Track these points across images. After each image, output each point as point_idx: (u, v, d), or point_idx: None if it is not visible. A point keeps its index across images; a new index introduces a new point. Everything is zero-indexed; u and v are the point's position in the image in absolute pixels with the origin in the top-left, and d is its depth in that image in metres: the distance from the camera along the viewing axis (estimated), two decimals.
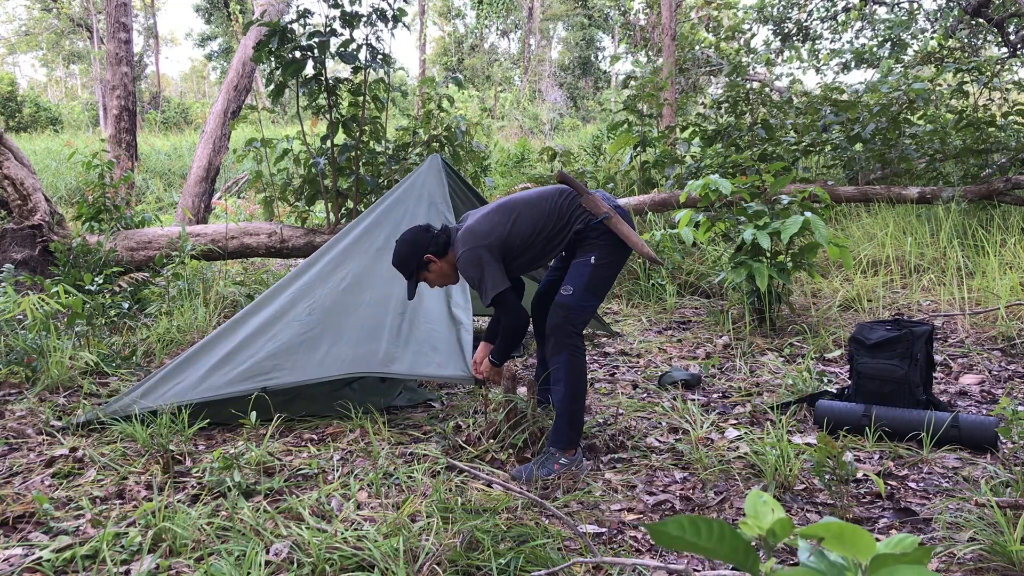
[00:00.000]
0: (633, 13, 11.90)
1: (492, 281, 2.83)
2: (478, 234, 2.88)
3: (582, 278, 2.86)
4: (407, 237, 2.98)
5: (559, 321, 2.83)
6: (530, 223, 2.90)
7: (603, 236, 2.88)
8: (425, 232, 2.97)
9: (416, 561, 2.08)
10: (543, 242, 2.92)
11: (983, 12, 8.59)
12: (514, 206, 2.95)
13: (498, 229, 2.88)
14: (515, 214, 2.91)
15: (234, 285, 5.51)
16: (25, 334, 4.07)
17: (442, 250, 2.95)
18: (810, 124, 8.12)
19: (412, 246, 2.95)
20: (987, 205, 7.01)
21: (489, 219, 2.92)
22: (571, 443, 2.81)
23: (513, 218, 2.90)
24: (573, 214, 2.91)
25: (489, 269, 2.83)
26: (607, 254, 2.88)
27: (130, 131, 8.50)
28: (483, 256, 2.83)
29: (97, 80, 31.18)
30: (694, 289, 5.89)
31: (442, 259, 2.97)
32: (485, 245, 2.85)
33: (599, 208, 2.87)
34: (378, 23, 5.65)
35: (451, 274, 3.01)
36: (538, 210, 2.92)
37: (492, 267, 2.83)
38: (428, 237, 2.96)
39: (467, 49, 32.85)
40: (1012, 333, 4.26)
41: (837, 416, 3.08)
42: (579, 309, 2.84)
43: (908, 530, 2.33)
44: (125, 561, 2.20)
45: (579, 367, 2.82)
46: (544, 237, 2.91)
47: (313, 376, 3.26)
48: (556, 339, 2.84)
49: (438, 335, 3.29)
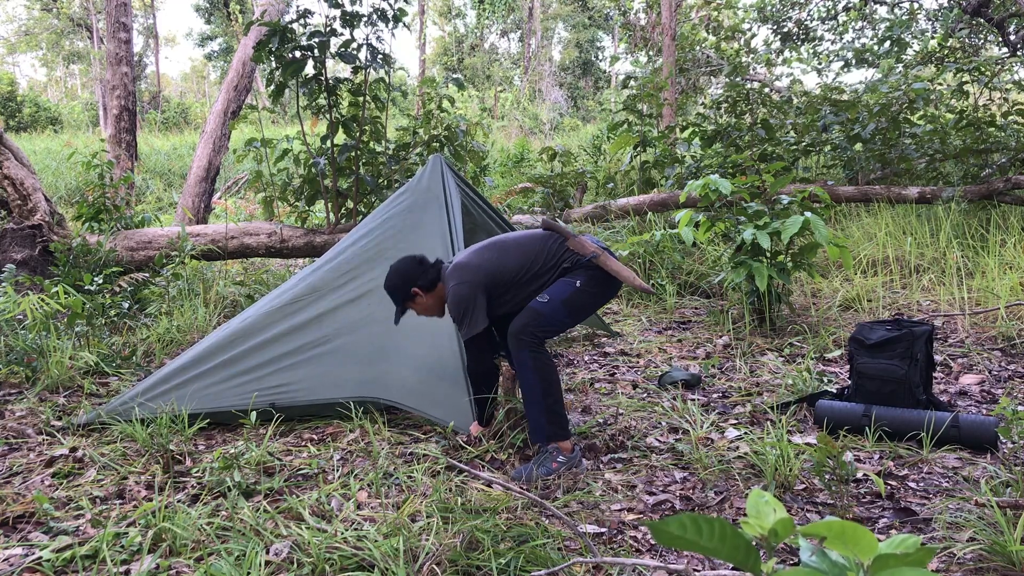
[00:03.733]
0: (633, 13, 11.90)
1: (471, 322, 2.87)
2: (468, 269, 2.91)
3: (563, 294, 2.86)
4: (399, 267, 3.02)
5: (525, 322, 2.82)
6: (518, 261, 2.93)
7: (593, 269, 2.90)
8: (417, 265, 3.01)
9: (416, 561, 2.08)
10: (530, 279, 2.93)
11: (983, 12, 8.59)
12: (504, 245, 3.00)
13: (487, 266, 2.92)
14: (505, 252, 2.96)
15: (234, 285, 5.50)
16: (25, 334, 4.07)
17: (430, 285, 2.99)
18: (810, 124, 8.12)
19: (402, 277, 2.99)
20: (987, 205, 7.01)
21: (479, 255, 2.97)
22: (555, 435, 2.80)
23: (502, 256, 2.94)
24: (562, 256, 2.93)
25: (472, 309, 2.86)
26: (594, 283, 2.90)
27: (130, 131, 8.49)
28: (469, 294, 2.86)
29: (97, 80, 31.18)
30: (694, 289, 5.89)
31: (428, 293, 3.00)
32: (473, 282, 2.88)
33: (586, 249, 2.90)
34: (378, 23, 5.65)
35: (436, 308, 3.05)
36: (527, 249, 2.96)
37: (475, 306, 2.87)
38: (418, 270, 3.00)
39: (467, 49, 32.85)
40: (1012, 333, 4.26)
41: (837, 416, 3.08)
42: (549, 319, 2.83)
43: (908, 530, 2.33)
44: (125, 561, 2.19)
45: (543, 362, 2.81)
46: (532, 275, 2.93)
47: (323, 397, 3.27)
48: (518, 339, 2.81)
49: (445, 363, 3.26)
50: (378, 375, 3.30)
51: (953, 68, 8.39)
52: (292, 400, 3.27)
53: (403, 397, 3.26)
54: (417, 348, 3.33)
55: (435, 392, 3.23)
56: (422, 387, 3.25)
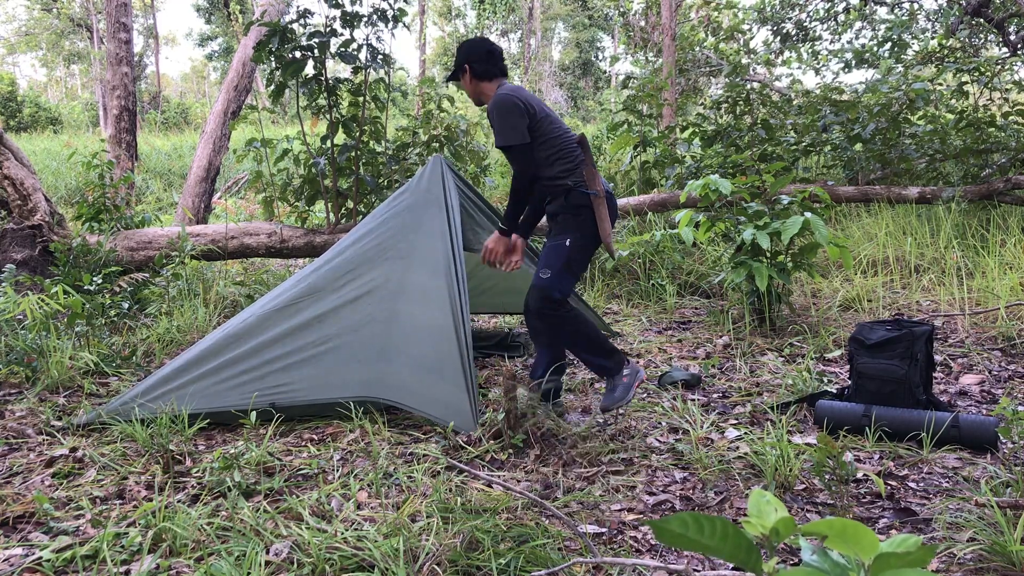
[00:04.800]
0: (633, 13, 11.89)
1: (512, 130, 3.09)
2: (523, 94, 3.15)
3: (559, 259, 3.11)
4: (475, 41, 3.30)
5: (539, 305, 3.08)
6: (556, 131, 3.17)
7: (581, 216, 3.14)
8: (486, 53, 3.25)
9: (416, 561, 2.08)
10: (553, 155, 3.16)
11: (983, 12, 8.59)
12: (552, 114, 3.24)
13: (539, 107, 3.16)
14: (551, 116, 3.20)
15: (234, 285, 5.50)
16: (25, 334, 4.07)
17: (482, 75, 3.24)
18: (810, 124, 8.11)
19: (467, 51, 3.26)
20: (987, 205, 7.01)
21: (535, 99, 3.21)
22: (615, 366, 3.11)
23: (549, 115, 3.19)
24: (576, 168, 3.16)
25: (512, 119, 3.08)
26: (580, 237, 3.14)
27: (130, 131, 8.49)
28: (513, 106, 3.09)
29: (97, 80, 31.17)
30: (694, 289, 5.89)
31: (475, 79, 3.25)
32: (522, 99, 3.11)
33: (593, 183, 3.13)
34: (378, 23, 5.65)
35: (473, 96, 3.32)
36: (564, 134, 3.20)
37: (517, 119, 3.08)
38: (483, 57, 3.24)
39: None
40: (1012, 333, 4.26)
41: (837, 416, 3.08)
42: (554, 288, 3.08)
43: (908, 530, 2.33)
44: (125, 561, 2.19)
45: (571, 322, 3.09)
46: (555, 152, 3.16)
47: (323, 397, 3.27)
48: (540, 316, 3.08)
49: (445, 363, 3.25)
50: (378, 375, 3.30)
51: (953, 68, 8.39)
52: (292, 400, 3.26)
53: (403, 397, 3.26)
54: (417, 348, 3.32)
55: (435, 392, 3.23)
56: (422, 387, 3.25)
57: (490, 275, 4.72)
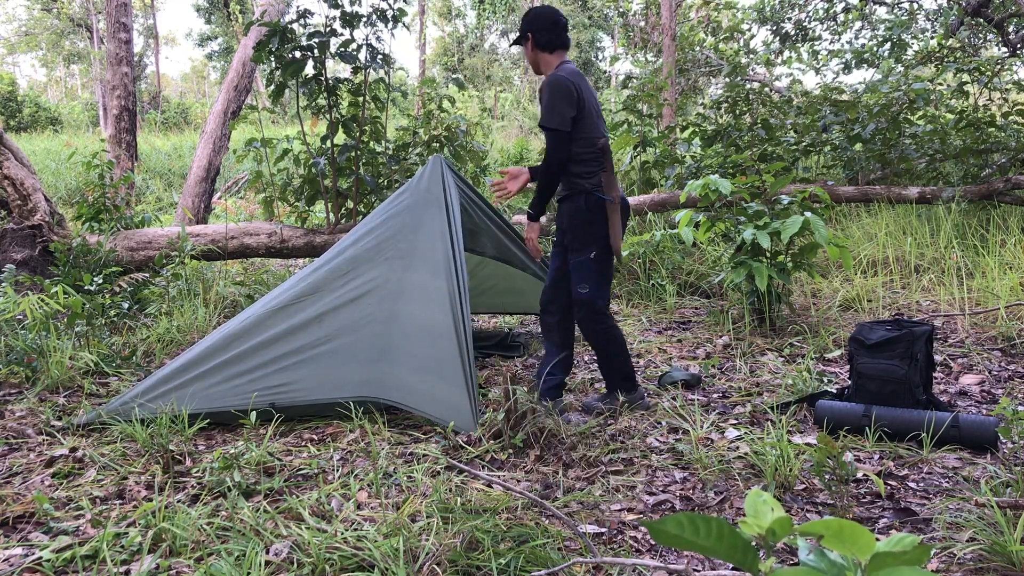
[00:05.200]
0: (633, 14, 11.89)
1: (557, 114, 3.18)
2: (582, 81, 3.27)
3: (591, 273, 3.29)
4: (544, 9, 3.38)
5: (587, 317, 3.32)
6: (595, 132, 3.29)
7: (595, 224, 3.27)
8: (552, 23, 3.33)
9: (416, 561, 2.08)
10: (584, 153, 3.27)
11: (983, 12, 8.59)
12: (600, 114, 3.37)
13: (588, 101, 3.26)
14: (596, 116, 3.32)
15: (234, 285, 5.50)
16: (25, 334, 4.07)
17: (545, 45, 3.34)
18: (810, 124, 8.11)
19: (534, 20, 3.35)
20: (987, 205, 7.01)
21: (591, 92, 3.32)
22: (624, 386, 3.40)
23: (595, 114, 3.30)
24: (594, 172, 3.28)
25: (560, 103, 3.18)
26: (602, 249, 3.31)
27: (130, 131, 8.49)
28: (566, 91, 3.18)
29: (97, 80, 31.18)
30: (694, 289, 5.89)
31: (537, 49, 3.35)
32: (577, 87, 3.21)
33: (609, 189, 3.28)
34: (378, 23, 5.65)
35: (531, 65, 3.43)
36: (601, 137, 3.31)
37: (564, 105, 3.18)
38: (549, 28, 3.32)
39: (467, 49, 32.85)
40: (1012, 333, 4.26)
41: (837, 416, 3.08)
42: (597, 297, 3.30)
43: (908, 530, 2.33)
44: (125, 561, 2.20)
45: (609, 334, 3.35)
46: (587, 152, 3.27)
47: (323, 397, 3.27)
48: (587, 324, 3.34)
49: (445, 363, 3.26)
50: (378, 375, 3.30)
51: (953, 68, 8.39)
52: (292, 400, 3.27)
53: (403, 397, 3.26)
54: (417, 348, 3.32)
55: (435, 392, 3.23)
56: (422, 387, 3.25)
57: (490, 275, 4.72)
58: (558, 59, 3.36)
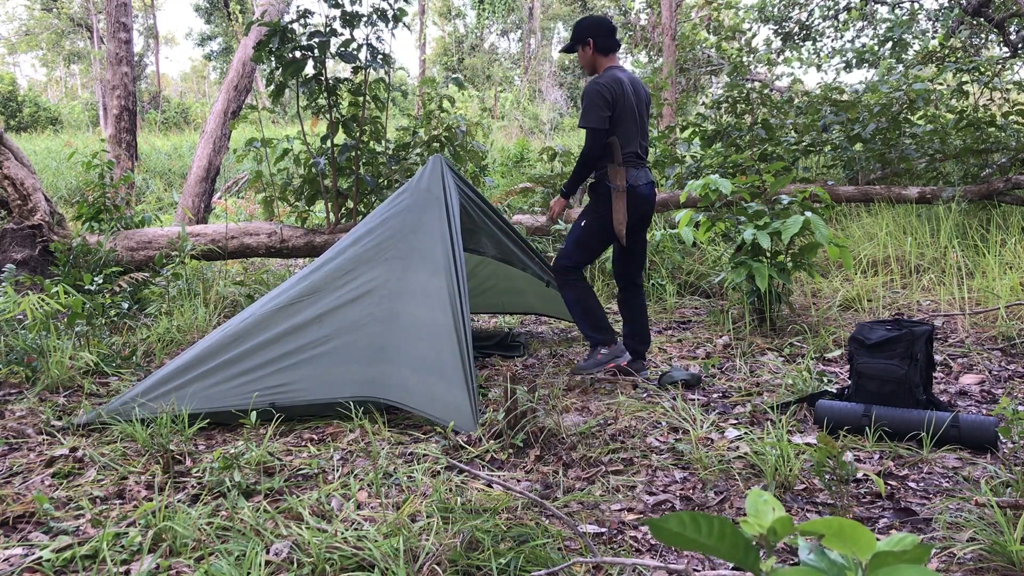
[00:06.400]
0: (633, 13, 11.89)
1: (595, 115, 3.57)
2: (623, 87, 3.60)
3: (574, 236, 3.78)
4: (598, 18, 3.76)
5: (555, 267, 3.83)
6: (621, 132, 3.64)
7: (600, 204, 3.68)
8: (608, 32, 3.67)
9: (416, 561, 2.08)
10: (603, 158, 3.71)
11: (983, 12, 8.59)
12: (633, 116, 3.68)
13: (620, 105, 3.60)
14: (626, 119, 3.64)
15: (234, 285, 5.51)
16: (25, 334, 4.07)
17: (602, 49, 3.68)
18: (810, 124, 8.11)
19: (590, 27, 3.69)
20: (987, 205, 7.01)
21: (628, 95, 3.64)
22: (602, 341, 3.72)
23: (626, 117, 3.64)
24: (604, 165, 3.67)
25: (595, 107, 3.57)
26: (594, 220, 3.72)
27: (130, 131, 8.49)
28: (603, 98, 3.56)
29: (97, 80, 31.18)
30: (694, 289, 5.89)
31: (596, 54, 3.69)
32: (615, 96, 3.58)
33: (614, 179, 3.64)
34: (378, 23, 5.65)
35: (588, 68, 3.77)
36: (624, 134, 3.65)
37: (601, 108, 3.57)
38: (606, 35, 3.66)
39: (467, 49, 32.85)
40: (1012, 333, 4.26)
41: (837, 416, 3.08)
42: (565, 257, 3.77)
43: (908, 530, 2.33)
44: (125, 561, 2.19)
45: (580, 292, 3.76)
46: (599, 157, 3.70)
47: (323, 397, 3.27)
48: (555, 274, 3.84)
49: (445, 363, 3.26)
50: (378, 375, 3.30)
51: (953, 68, 8.39)
52: (292, 400, 3.26)
53: (403, 397, 3.26)
54: (417, 348, 3.32)
55: (435, 392, 3.23)
56: (422, 387, 3.25)
57: (490, 275, 4.72)
58: (610, 62, 3.72)
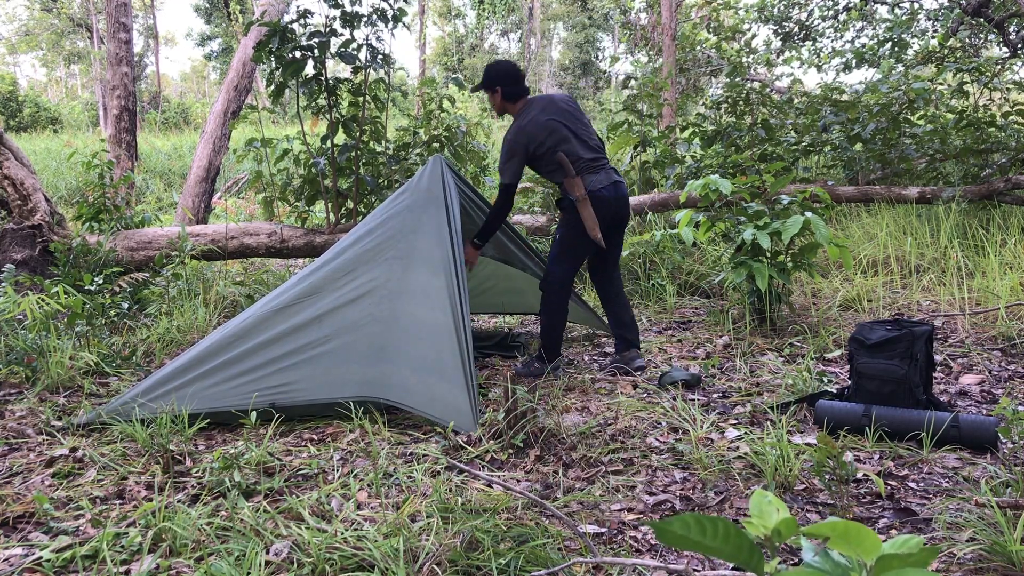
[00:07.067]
0: (633, 13, 11.89)
1: (510, 169, 3.77)
2: (537, 126, 3.72)
3: (553, 251, 3.91)
4: (505, 65, 3.84)
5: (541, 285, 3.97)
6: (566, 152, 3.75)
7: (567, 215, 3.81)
8: (514, 76, 3.80)
9: (416, 561, 2.08)
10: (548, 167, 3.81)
11: (983, 12, 8.59)
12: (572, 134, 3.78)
13: (549, 139, 3.72)
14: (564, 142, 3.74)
15: (234, 285, 5.50)
16: (25, 334, 4.07)
17: (510, 97, 3.82)
18: (810, 124, 8.11)
19: (499, 73, 3.79)
20: (987, 205, 7.01)
21: (557, 119, 3.75)
22: (547, 358, 3.94)
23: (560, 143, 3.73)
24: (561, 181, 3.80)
25: (511, 159, 3.75)
26: (565, 233, 3.86)
27: (130, 131, 8.49)
28: (520, 144, 3.72)
29: (97, 80, 31.17)
30: (694, 289, 5.89)
31: (504, 100, 3.82)
32: (532, 139, 3.71)
33: (572, 191, 3.73)
34: (378, 23, 5.65)
35: (499, 111, 3.90)
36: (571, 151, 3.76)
37: (514, 162, 3.76)
38: (513, 80, 3.79)
39: (467, 49, 32.84)
40: (1012, 333, 4.26)
41: (837, 416, 3.08)
42: (551, 274, 3.92)
43: (908, 530, 2.33)
44: (125, 561, 2.19)
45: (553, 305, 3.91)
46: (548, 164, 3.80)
47: (323, 397, 3.26)
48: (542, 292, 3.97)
49: (445, 363, 3.26)
50: (378, 375, 3.29)
51: (953, 68, 8.39)
52: (292, 400, 3.26)
53: (403, 397, 3.26)
54: (417, 348, 3.32)
55: (435, 392, 3.23)
56: (422, 387, 3.25)
57: (490, 275, 4.72)
58: (521, 104, 3.83)
